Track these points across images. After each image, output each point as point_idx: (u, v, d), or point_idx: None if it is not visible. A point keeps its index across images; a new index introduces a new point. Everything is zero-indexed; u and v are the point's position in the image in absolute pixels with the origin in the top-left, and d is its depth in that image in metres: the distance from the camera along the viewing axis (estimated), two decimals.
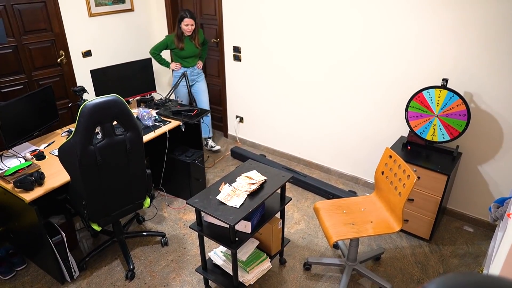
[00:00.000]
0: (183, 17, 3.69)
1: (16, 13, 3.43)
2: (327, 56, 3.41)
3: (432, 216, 2.82)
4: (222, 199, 2.16)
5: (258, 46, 3.86)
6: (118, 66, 3.38)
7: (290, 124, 3.97)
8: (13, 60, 3.52)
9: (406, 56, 2.98)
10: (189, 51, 3.88)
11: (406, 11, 2.86)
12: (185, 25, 3.71)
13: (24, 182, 2.32)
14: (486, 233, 3.04)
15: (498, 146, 2.83)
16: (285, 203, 2.50)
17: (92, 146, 2.18)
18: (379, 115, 3.31)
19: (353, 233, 2.26)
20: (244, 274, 2.38)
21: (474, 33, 2.64)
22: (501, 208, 2.19)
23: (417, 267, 2.72)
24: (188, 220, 3.25)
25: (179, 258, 2.83)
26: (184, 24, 3.72)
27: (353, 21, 3.14)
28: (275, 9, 3.57)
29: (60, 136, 3.07)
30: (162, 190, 3.59)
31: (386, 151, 2.47)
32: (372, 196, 2.59)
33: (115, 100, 2.21)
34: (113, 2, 4.18)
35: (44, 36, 3.69)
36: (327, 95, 3.56)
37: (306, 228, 3.13)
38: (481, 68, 2.70)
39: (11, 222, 2.74)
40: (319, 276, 2.66)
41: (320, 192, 3.53)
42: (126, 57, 4.35)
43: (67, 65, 3.93)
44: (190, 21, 3.70)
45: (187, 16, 3.68)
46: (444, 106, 2.72)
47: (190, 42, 3.86)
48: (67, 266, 2.56)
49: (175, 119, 3.27)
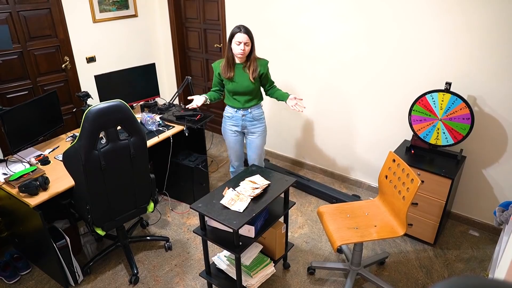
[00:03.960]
0: (235, 32, 2.70)
1: (21, 20, 3.47)
2: (330, 61, 3.41)
3: (437, 220, 2.81)
4: (226, 203, 2.16)
5: (261, 50, 3.87)
6: (122, 72, 3.40)
7: (293, 129, 3.97)
8: (19, 66, 3.55)
9: (409, 60, 2.98)
10: (241, 85, 2.83)
11: (409, 16, 2.87)
12: (237, 44, 2.69)
13: (29, 186, 2.33)
14: (491, 237, 3.02)
15: (502, 150, 2.82)
16: (289, 208, 2.50)
17: (96, 151, 2.19)
18: (382, 119, 3.30)
19: (357, 237, 2.25)
20: (248, 278, 2.37)
21: (477, 37, 2.64)
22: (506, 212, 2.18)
23: (421, 271, 2.71)
24: (191, 224, 3.25)
25: (183, 263, 2.83)
26: (235, 42, 2.70)
27: (357, 26, 3.15)
28: (278, 14, 3.58)
29: (64, 141, 3.09)
30: (166, 194, 3.59)
31: (390, 155, 2.46)
32: (376, 200, 2.58)
33: (119, 105, 2.22)
34: (117, 8, 4.21)
35: (49, 42, 3.73)
36: (330, 99, 3.56)
37: (309, 233, 3.12)
38: (484, 72, 2.70)
39: (16, 226, 2.75)
40: (323, 280, 2.65)
41: (324, 196, 3.52)
42: (130, 63, 4.38)
43: (71, 71, 3.96)
44: (244, 38, 2.68)
45: (240, 30, 2.68)
46: (447, 110, 2.71)
47: (243, 71, 2.83)
48: (71, 270, 2.57)
49: (178, 124, 3.28)
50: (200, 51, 4.63)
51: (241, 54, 2.71)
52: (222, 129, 3.09)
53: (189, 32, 4.63)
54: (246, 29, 2.70)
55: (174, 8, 4.50)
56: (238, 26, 2.71)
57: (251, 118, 2.95)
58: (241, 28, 2.69)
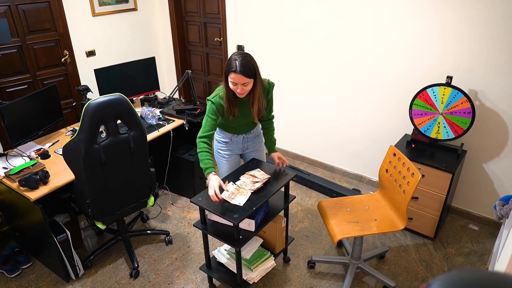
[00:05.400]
0: (229, 69, 2.11)
1: (20, 13, 3.45)
2: (331, 55, 3.40)
3: (437, 214, 2.81)
4: (226, 197, 2.16)
5: (262, 45, 3.85)
6: (121, 65, 3.39)
7: (294, 123, 3.96)
8: (18, 60, 3.54)
9: (410, 54, 2.97)
10: (245, 119, 2.37)
11: (410, 9, 2.85)
12: (233, 84, 2.14)
13: (29, 181, 2.33)
14: (491, 231, 3.02)
15: (503, 144, 2.81)
16: (289, 201, 2.50)
17: (96, 145, 2.19)
18: (383, 113, 3.29)
19: (357, 231, 2.26)
20: (248, 272, 2.38)
21: (478, 31, 2.62)
22: (506, 206, 2.18)
23: (421, 265, 2.71)
24: (192, 218, 3.25)
25: (183, 257, 2.84)
26: (230, 81, 2.15)
27: (358, 20, 3.13)
28: (279, 7, 3.56)
29: (64, 135, 3.09)
30: (166, 188, 3.59)
31: (390, 149, 2.46)
32: (376, 194, 2.58)
33: (119, 99, 2.21)
34: (117, 1, 4.19)
35: (48, 36, 3.71)
36: (331, 93, 3.55)
37: (310, 226, 3.12)
38: (485, 66, 2.68)
39: (17, 220, 2.75)
40: (323, 274, 2.66)
41: (324, 190, 3.52)
42: (129, 56, 4.36)
43: (71, 65, 3.95)
44: (240, 79, 2.09)
45: (235, 69, 2.07)
46: (448, 104, 2.70)
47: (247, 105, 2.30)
48: (72, 264, 2.58)
49: (178, 118, 3.27)
50: (200, 45, 4.61)
51: (239, 94, 2.19)
52: (216, 155, 2.57)
53: (189, 25, 4.61)
54: (243, 67, 2.06)
55: (174, 2, 4.48)
56: (235, 59, 2.08)
57: (252, 136, 2.54)
58: (236, 66, 2.06)
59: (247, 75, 2.09)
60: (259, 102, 2.25)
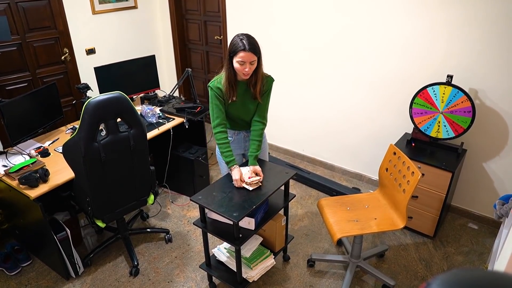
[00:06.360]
0: (237, 48, 2.12)
1: (20, 11, 3.44)
2: (332, 53, 3.39)
3: (436, 213, 2.81)
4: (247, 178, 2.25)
5: (262, 43, 3.83)
6: (121, 63, 3.38)
7: (294, 121, 3.96)
8: (18, 57, 3.53)
9: (410, 52, 2.96)
10: (245, 108, 2.35)
11: (411, 8, 2.84)
12: (239, 63, 2.14)
13: (29, 178, 2.33)
14: (490, 230, 3.02)
15: (503, 143, 2.81)
16: (289, 200, 2.50)
17: (96, 143, 2.19)
18: (383, 112, 3.29)
19: (357, 229, 2.26)
20: (247, 270, 2.38)
21: (479, 30, 2.62)
22: (506, 205, 2.18)
23: (421, 264, 2.72)
24: (192, 216, 3.25)
25: (183, 255, 2.84)
26: (237, 61, 2.14)
27: (359, 19, 3.12)
28: (280, 5, 3.55)
29: (64, 133, 3.09)
30: (166, 187, 3.60)
31: (390, 148, 2.46)
32: (376, 193, 2.58)
33: (119, 97, 2.21)
34: None
35: (48, 33, 3.70)
36: (331, 92, 3.54)
37: (309, 225, 3.13)
38: (486, 65, 2.68)
39: (16, 218, 2.76)
40: (323, 272, 2.66)
41: (324, 189, 3.52)
42: (129, 54, 4.35)
43: (71, 63, 3.94)
44: (250, 57, 2.12)
45: (244, 48, 2.09)
46: (448, 103, 2.70)
47: (247, 90, 2.30)
48: (72, 262, 2.58)
49: (178, 116, 3.27)
50: (200, 43, 4.60)
51: (245, 74, 2.19)
52: (218, 156, 2.53)
53: (189, 24, 4.60)
54: (251, 45, 2.10)
55: (174, 0, 4.47)
56: (241, 39, 2.12)
57: None
58: (245, 45, 2.09)
59: (255, 52, 2.14)
60: (261, 82, 2.28)
